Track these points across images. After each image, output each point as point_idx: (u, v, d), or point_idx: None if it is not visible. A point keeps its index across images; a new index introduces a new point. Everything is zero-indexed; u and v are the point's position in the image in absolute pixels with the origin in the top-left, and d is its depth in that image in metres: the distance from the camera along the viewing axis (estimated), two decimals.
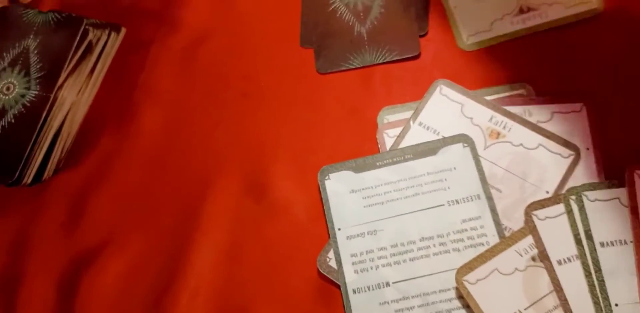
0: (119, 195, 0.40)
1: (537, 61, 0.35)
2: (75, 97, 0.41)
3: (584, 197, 0.29)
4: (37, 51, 0.40)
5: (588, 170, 0.31)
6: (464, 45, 0.37)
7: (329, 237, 0.34)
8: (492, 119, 0.34)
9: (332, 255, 0.33)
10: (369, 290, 0.31)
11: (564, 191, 0.30)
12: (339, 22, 0.40)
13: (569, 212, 0.29)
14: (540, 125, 0.33)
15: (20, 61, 0.40)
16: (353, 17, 0.40)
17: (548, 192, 0.31)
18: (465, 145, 0.33)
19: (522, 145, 0.33)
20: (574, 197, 0.29)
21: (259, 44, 0.42)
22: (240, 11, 0.43)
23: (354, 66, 0.39)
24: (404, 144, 0.35)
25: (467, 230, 0.32)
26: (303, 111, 0.39)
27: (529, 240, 0.29)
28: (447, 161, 0.33)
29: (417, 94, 0.36)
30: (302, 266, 0.34)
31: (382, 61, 0.38)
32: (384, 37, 0.39)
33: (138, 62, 0.43)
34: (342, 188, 0.34)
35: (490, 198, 0.32)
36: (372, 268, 0.32)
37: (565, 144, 0.32)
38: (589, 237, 0.28)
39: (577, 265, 0.28)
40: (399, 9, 0.39)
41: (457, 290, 0.30)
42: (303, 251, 0.35)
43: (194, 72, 0.42)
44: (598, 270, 0.28)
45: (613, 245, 0.28)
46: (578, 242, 0.28)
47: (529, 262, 0.29)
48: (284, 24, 0.42)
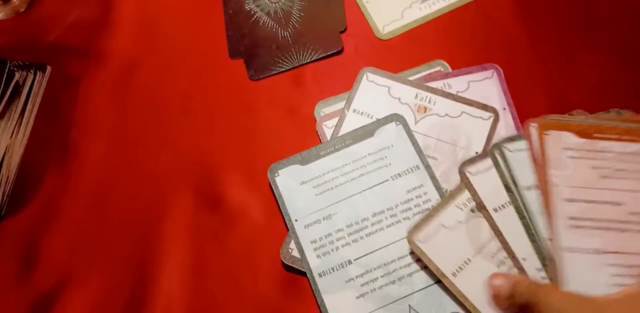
0: (71, 233, 0.39)
1: (448, 39, 0.38)
2: (9, 140, 0.40)
3: (505, 149, 0.32)
4: None
5: (508, 126, 0.34)
6: (381, 35, 0.40)
7: (288, 230, 0.35)
8: (417, 96, 0.36)
9: (293, 245, 0.34)
10: (334, 271, 0.33)
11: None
12: (263, 31, 0.42)
13: (496, 165, 0.32)
14: (460, 94, 0.36)
15: None
16: (275, 24, 0.42)
17: (477, 152, 0.34)
18: (398, 123, 0.36)
19: (447, 115, 0.35)
20: (498, 151, 0.32)
21: (190, 63, 0.43)
22: (166, 35, 0.44)
23: (284, 69, 0.41)
24: (343, 131, 0.37)
25: (412, 199, 0.33)
26: (242, 118, 0.40)
27: (467, 194, 0.31)
28: (384, 140, 0.35)
29: (346, 85, 0.38)
30: (267, 264, 0.35)
31: (309, 60, 0.40)
32: (308, 38, 0.41)
33: (69, 99, 0.43)
34: (292, 182, 0.35)
35: (429, 167, 0.34)
36: (332, 251, 0.33)
37: (484, 107, 0.35)
38: (516, 184, 0.31)
39: (510, 210, 0.31)
40: (317, 10, 0.42)
41: (412, 253, 0.32)
42: (266, 250, 0.35)
43: (129, 101, 0.42)
44: (528, 211, 0.30)
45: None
46: (508, 190, 0.31)
47: (469, 214, 0.31)
48: (211, 40, 0.43)
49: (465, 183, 0.32)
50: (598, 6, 0.38)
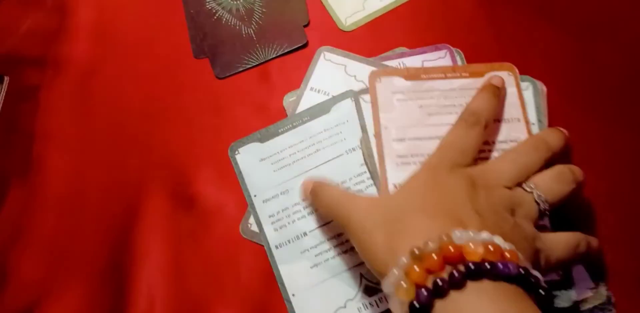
0: (42, 247, 0.37)
1: (409, 27, 0.39)
2: None
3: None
4: None
5: None
6: (344, 26, 0.40)
7: (247, 205, 0.35)
8: None
9: (252, 221, 0.35)
10: (289, 242, 0.34)
11: None
12: (226, 29, 0.42)
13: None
14: None
15: None
16: (238, 21, 0.42)
17: None
18: (353, 99, 0.36)
19: None
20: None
21: (153, 65, 0.42)
22: (126, 39, 0.43)
23: (250, 65, 0.41)
24: (300, 109, 0.38)
25: (365, 172, 0.35)
26: (211, 117, 0.39)
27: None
28: (339, 116, 0.36)
29: None
30: (248, 259, 0.35)
31: (275, 56, 0.40)
32: (272, 34, 0.41)
33: (29, 110, 0.41)
34: (251, 159, 0.37)
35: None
36: (289, 224, 0.35)
37: None
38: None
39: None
40: (279, 6, 0.42)
41: None
42: (245, 245, 0.35)
43: (92, 107, 0.41)
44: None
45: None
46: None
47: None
48: (173, 41, 0.42)
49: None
50: None
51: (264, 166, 0.36)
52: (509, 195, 0.28)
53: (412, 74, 0.35)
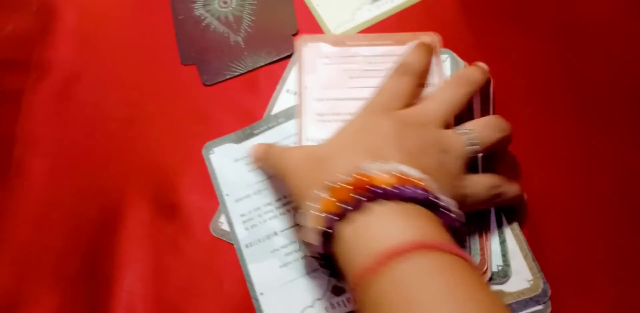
0: (18, 253, 0.36)
1: None
2: None
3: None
4: None
5: None
6: None
7: (219, 204, 0.36)
8: None
9: (223, 219, 0.36)
10: (260, 242, 0.34)
11: None
12: (214, 35, 0.42)
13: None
14: None
15: None
16: (227, 29, 0.42)
17: None
18: None
19: None
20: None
21: (139, 70, 0.41)
22: (111, 43, 0.43)
23: (238, 73, 0.40)
24: (276, 110, 0.38)
25: None
26: (196, 124, 0.39)
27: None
28: None
29: None
30: (230, 267, 0.34)
31: (263, 64, 0.40)
32: (260, 42, 0.41)
33: (10, 114, 0.41)
34: (226, 160, 0.37)
35: None
36: (260, 223, 0.35)
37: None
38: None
39: None
40: (267, 14, 0.42)
41: None
42: (228, 252, 0.35)
43: (73, 112, 0.40)
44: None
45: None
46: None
47: None
48: (161, 46, 0.42)
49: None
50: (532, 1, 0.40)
51: (239, 166, 0.36)
52: (440, 134, 0.29)
53: (338, 40, 0.37)
